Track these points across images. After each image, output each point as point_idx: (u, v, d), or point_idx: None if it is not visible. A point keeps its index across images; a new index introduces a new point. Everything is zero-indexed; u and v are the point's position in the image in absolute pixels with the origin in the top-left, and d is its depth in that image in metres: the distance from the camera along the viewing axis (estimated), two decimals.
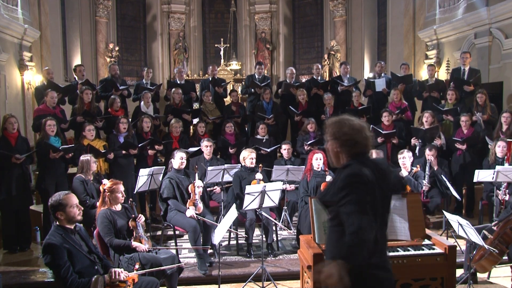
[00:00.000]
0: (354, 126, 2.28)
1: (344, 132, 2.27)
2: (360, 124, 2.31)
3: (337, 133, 2.29)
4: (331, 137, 2.33)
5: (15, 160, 5.42)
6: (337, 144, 2.30)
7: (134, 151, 6.36)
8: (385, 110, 7.08)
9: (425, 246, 3.33)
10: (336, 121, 2.33)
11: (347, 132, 2.27)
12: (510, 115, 6.29)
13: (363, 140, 2.28)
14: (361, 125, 2.31)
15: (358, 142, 2.27)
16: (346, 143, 2.27)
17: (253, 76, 8.67)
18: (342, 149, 2.29)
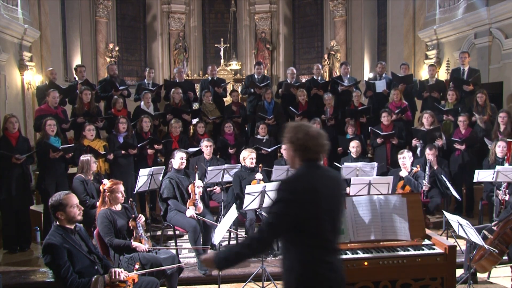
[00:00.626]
0: (309, 132, 2.40)
1: (298, 137, 2.40)
2: (317, 131, 2.42)
3: (292, 138, 2.42)
4: (287, 141, 2.47)
5: (15, 160, 5.42)
6: (292, 148, 2.44)
7: (134, 151, 6.36)
8: (384, 110, 7.08)
9: (425, 246, 3.33)
10: (293, 126, 2.47)
11: (301, 137, 2.39)
12: (507, 115, 6.30)
13: (315, 147, 2.39)
14: (317, 133, 2.42)
15: (310, 148, 2.39)
16: (299, 148, 2.40)
17: (252, 76, 8.66)
18: (295, 153, 2.43)
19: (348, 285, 3.13)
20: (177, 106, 7.73)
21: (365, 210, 3.37)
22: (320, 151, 2.42)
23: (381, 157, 6.93)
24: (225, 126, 7.30)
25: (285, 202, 2.33)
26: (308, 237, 2.35)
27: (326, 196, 2.35)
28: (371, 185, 5.14)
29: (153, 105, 7.82)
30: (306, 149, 2.39)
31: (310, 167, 2.41)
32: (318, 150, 2.41)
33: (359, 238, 3.33)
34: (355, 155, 6.49)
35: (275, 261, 5.16)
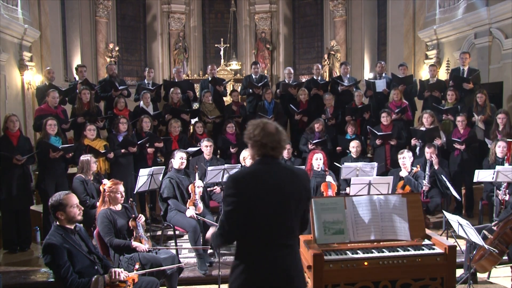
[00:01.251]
0: (265, 129, 2.48)
1: (255, 134, 2.48)
2: (274, 128, 2.49)
3: (250, 135, 2.51)
4: (245, 138, 2.55)
5: (16, 161, 5.41)
6: (249, 144, 2.54)
7: (134, 148, 6.36)
8: (384, 111, 7.08)
9: (425, 246, 3.33)
10: (252, 123, 2.54)
11: (257, 134, 2.48)
12: (506, 115, 6.30)
13: (271, 143, 2.47)
14: (275, 130, 2.49)
15: (265, 144, 2.46)
16: (255, 144, 2.50)
17: (250, 77, 8.66)
18: (252, 149, 2.54)
19: (348, 285, 3.13)
20: (175, 106, 7.73)
21: (365, 210, 3.37)
22: (276, 147, 2.48)
23: (381, 157, 6.93)
24: (227, 126, 7.30)
25: (230, 197, 2.44)
26: (252, 230, 2.43)
27: (273, 192, 2.43)
28: (371, 185, 5.14)
29: (152, 105, 7.82)
30: (262, 145, 2.47)
31: (262, 163, 2.49)
32: (274, 147, 2.48)
33: (359, 238, 3.33)
34: (355, 155, 6.49)
35: None
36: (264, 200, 2.42)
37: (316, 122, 7.18)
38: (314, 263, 3.09)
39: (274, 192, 2.43)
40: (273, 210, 2.43)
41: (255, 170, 2.50)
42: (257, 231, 2.43)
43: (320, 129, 7.14)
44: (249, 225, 2.43)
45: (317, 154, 5.87)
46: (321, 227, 3.30)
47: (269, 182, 2.44)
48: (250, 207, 2.41)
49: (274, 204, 2.43)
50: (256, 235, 2.44)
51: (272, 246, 2.44)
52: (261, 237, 2.44)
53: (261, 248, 2.44)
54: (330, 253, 3.20)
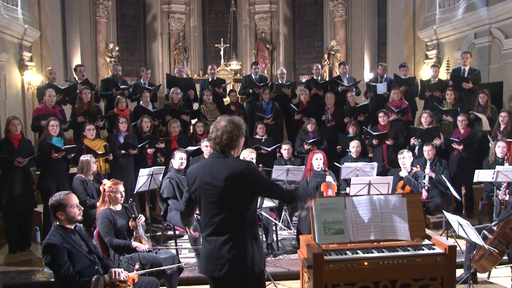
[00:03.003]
0: (216, 125, 2.78)
1: (211, 129, 2.81)
2: (226, 124, 2.74)
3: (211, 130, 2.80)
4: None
5: (17, 163, 5.41)
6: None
7: (134, 151, 6.36)
8: (381, 111, 7.09)
9: (425, 246, 3.33)
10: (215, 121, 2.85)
11: (211, 129, 2.80)
12: (508, 115, 6.30)
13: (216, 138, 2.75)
14: (222, 126, 2.74)
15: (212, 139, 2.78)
16: (209, 138, 2.83)
17: (249, 77, 8.66)
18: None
19: (348, 285, 3.13)
20: (176, 106, 7.73)
21: (365, 210, 3.37)
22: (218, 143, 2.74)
23: (378, 157, 6.95)
24: None
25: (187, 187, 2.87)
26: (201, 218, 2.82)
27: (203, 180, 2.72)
28: (371, 185, 5.14)
29: (151, 105, 7.82)
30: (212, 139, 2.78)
31: (211, 157, 2.81)
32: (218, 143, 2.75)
33: (359, 238, 3.33)
34: (355, 155, 6.49)
35: (275, 261, 5.15)
36: (203, 191, 2.73)
37: (307, 122, 7.18)
38: (314, 263, 3.09)
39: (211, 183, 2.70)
40: (207, 199, 2.72)
41: (201, 163, 2.85)
42: (202, 219, 2.79)
43: (313, 128, 7.14)
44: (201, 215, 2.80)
45: (317, 154, 5.87)
46: (321, 227, 3.29)
47: (205, 173, 2.73)
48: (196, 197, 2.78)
49: (212, 196, 2.70)
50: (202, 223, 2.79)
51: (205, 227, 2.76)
52: (204, 224, 2.78)
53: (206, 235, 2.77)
54: (330, 253, 3.20)
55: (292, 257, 5.26)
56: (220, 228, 2.70)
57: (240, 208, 2.72)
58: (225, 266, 2.67)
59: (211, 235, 2.72)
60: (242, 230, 2.71)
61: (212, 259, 2.71)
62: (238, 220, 2.71)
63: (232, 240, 2.69)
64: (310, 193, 5.60)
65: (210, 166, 2.75)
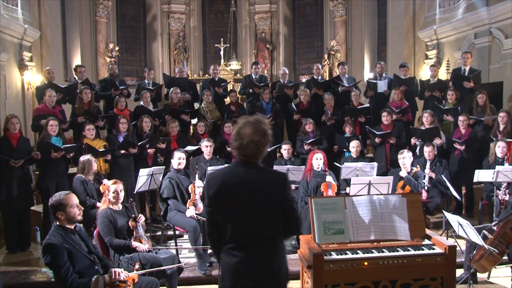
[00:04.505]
0: (240, 133, 2.48)
1: (233, 134, 2.53)
2: (248, 133, 2.46)
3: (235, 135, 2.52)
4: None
5: (13, 163, 5.41)
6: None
7: (134, 150, 6.35)
8: (385, 110, 7.08)
9: (425, 246, 3.33)
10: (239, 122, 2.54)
11: (233, 135, 2.52)
12: (507, 115, 6.30)
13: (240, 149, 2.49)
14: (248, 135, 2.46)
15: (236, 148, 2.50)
16: (232, 145, 2.55)
17: (250, 76, 8.66)
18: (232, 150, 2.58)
19: (348, 285, 3.13)
20: (175, 106, 7.73)
21: (365, 210, 3.37)
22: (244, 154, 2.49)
23: (381, 157, 6.93)
24: (225, 126, 7.30)
25: (206, 197, 2.58)
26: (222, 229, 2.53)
27: (235, 194, 2.46)
28: (371, 185, 5.14)
29: (152, 105, 7.82)
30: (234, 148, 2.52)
31: (237, 164, 2.55)
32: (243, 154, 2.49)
33: (359, 238, 3.33)
34: (355, 155, 6.49)
35: None
36: (227, 202, 2.48)
37: (305, 123, 7.17)
38: (314, 263, 3.09)
39: (240, 194, 2.47)
40: (238, 211, 2.48)
41: (225, 172, 2.57)
42: (225, 231, 2.51)
43: (312, 128, 7.14)
44: (221, 225, 2.52)
45: (317, 154, 5.86)
46: (321, 227, 3.29)
47: (235, 185, 2.47)
48: (218, 208, 2.51)
49: (239, 206, 2.47)
50: (225, 234, 2.51)
51: (238, 246, 2.50)
52: (229, 237, 2.50)
53: (229, 247, 2.51)
54: (330, 253, 3.20)
55: (292, 257, 5.26)
56: (249, 240, 2.50)
57: (269, 218, 2.52)
58: (257, 278, 2.49)
59: (238, 248, 2.50)
60: (272, 241, 2.55)
61: (241, 272, 2.49)
62: (269, 231, 2.53)
63: (264, 252, 2.51)
64: (310, 193, 5.60)
65: (238, 176, 2.50)
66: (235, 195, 2.47)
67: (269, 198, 2.50)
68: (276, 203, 2.52)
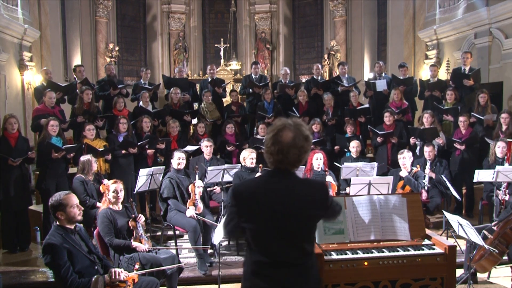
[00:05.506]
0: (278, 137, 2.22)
1: (267, 139, 2.28)
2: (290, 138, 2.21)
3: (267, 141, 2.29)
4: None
5: (11, 162, 5.41)
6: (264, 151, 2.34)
7: (134, 150, 6.35)
8: (387, 110, 7.08)
9: (425, 246, 3.33)
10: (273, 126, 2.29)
11: (268, 140, 2.27)
12: (509, 115, 6.30)
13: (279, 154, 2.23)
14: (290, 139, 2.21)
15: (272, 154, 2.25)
16: (265, 152, 2.30)
17: (249, 76, 8.65)
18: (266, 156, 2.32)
19: (348, 285, 3.13)
20: (175, 106, 7.73)
21: (365, 210, 3.37)
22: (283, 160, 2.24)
23: (382, 157, 6.93)
24: (227, 126, 7.29)
25: (231, 207, 2.35)
26: (251, 243, 2.32)
27: (273, 205, 2.23)
28: (371, 185, 5.14)
29: (151, 104, 7.82)
30: (270, 154, 2.26)
31: (269, 175, 2.32)
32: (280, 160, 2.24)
33: (359, 238, 3.33)
34: (356, 155, 6.49)
35: None
36: (263, 217, 2.26)
37: (313, 123, 7.17)
38: None
39: (268, 207, 2.24)
40: (272, 227, 2.25)
41: (258, 183, 2.35)
42: (257, 246, 2.30)
43: (318, 129, 7.14)
44: (250, 238, 2.30)
45: (317, 154, 5.86)
46: (321, 227, 3.29)
47: (270, 199, 2.25)
48: (250, 221, 2.28)
49: (275, 221, 2.24)
50: (257, 249, 2.30)
51: (271, 263, 2.28)
52: (261, 252, 2.29)
53: (261, 263, 2.29)
54: (330, 253, 3.20)
55: None
56: (284, 256, 2.27)
57: (310, 233, 2.35)
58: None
59: (271, 265, 2.27)
60: (309, 255, 2.35)
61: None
62: (307, 245, 2.32)
63: (300, 268, 2.30)
64: None
65: (276, 191, 2.26)
66: (274, 212, 2.23)
67: (311, 213, 2.30)
68: (319, 217, 2.38)
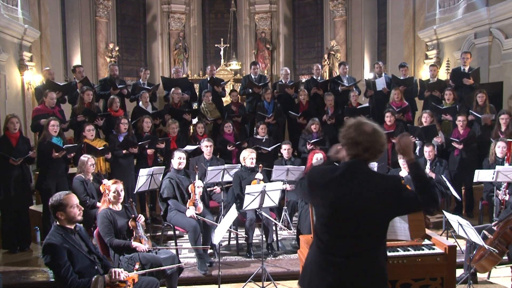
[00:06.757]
0: (361, 128, 2.29)
1: (349, 132, 2.32)
2: (372, 129, 2.30)
3: (345, 132, 2.35)
4: (341, 137, 2.40)
5: (12, 162, 5.42)
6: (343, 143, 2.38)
7: (135, 149, 6.35)
8: (388, 110, 7.08)
9: (425, 246, 3.33)
10: (349, 123, 2.37)
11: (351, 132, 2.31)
12: (508, 116, 6.30)
13: (365, 143, 2.28)
14: (372, 130, 2.29)
15: (359, 143, 2.28)
16: (347, 142, 2.33)
17: (249, 77, 8.66)
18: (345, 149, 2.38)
19: None
20: (176, 106, 7.73)
21: None
22: (369, 148, 2.28)
23: (382, 157, 6.93)
24: (225, 126, 7.30)
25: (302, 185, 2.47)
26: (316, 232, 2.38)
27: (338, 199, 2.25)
28: None
29: (150, 105, 7.82)
30: (354, 144, 2.28)
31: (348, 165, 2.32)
32: (367, 147, 2.27)
33: None
34: None
35: (275, 261, 5.16)
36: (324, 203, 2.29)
37: (311, 123, 7.17)
38: None
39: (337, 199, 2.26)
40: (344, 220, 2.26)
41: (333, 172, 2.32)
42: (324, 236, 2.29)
43: (317, 129, 7.14)
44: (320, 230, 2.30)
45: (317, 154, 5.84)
46: None
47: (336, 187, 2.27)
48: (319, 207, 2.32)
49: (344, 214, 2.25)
50: (322, 239, 2.30)
51: (325, 253, 2.29)
52: (318, 239, 2.32)
53: (317, 250, 2.33)
54: None
55: (292, 257, 5.26)
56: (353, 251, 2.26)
57: (381, 227, 2.32)
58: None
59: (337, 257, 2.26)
60: (378, 251, 2.32)
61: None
62: (377, 240, 2.31)
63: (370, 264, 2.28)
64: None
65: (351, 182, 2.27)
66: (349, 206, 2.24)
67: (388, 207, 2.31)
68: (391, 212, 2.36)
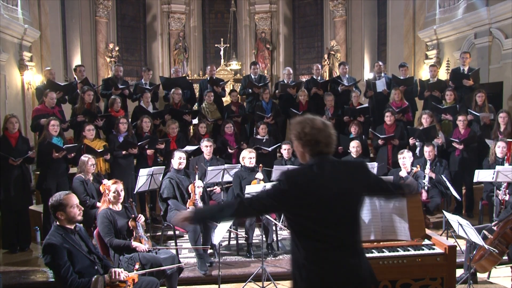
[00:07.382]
0: (315, 125, 2.32)
1: (306, 132, 2.32)
2: (322, 123, 2.35)
3: (300, 134, 2.34)
4: (294, 138, 2.39)
5: (12, 162, 5.42)
6: (300, 144, 2.36)
7: (134, 150, 6.35)
8: (388, 110, 7.08)
9: (425, 246, 3.33)
10: (298, 121, 2.38)
11: (308, 132, 2.31)
12: (507, 115, 6.30)
13: (324, 140, 2.32)
14: (323, 125, 2.34)
15: (319, 142, 2.31)
16: (308, 143, 2.33)
17: (249, 77, 8.66)
18: (304, 149, 2.36)
19: None
20: (176, 106, 7.73)
21: (365, 210, 3.37)
22: (329, 143, 2.34)
23: (382, 157, 6.94)
24: (226, 126, 7.30)
25: (278, 190, 2.32)
26: (310, 232, 2.28)
27: (330, 190, 2.26)
28: None
29: (152, 105, 7.82)
30: (316, 143, 2.31)
31: (317, 161, 2.32)
32: (328, 142, 2.33)
33: None
34: (355, 155, 6.49)
35: (275, 261, 5.16)
36: (318, 200, 2.26)
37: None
38: None
39: (329, 190, 2.27)
40: (336, 211, 2.27)
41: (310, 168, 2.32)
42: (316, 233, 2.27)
43: None
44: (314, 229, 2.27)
45: None
46: None
47: (324, 181, 2.28)
48: (309, 209, 2.26)
49: (335, 204, 2.27)
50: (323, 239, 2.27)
51: (334, 247, 2.28)
52: (329, 240, 2.27)
53: (331, 251, 2.27)
54: None
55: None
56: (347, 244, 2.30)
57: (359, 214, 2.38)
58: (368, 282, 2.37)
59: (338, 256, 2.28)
60: (360, 238, 2.38)
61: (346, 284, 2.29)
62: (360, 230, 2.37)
63: (360, 256, 2.35)
64: None
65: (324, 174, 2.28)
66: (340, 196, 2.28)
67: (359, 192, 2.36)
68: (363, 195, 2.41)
